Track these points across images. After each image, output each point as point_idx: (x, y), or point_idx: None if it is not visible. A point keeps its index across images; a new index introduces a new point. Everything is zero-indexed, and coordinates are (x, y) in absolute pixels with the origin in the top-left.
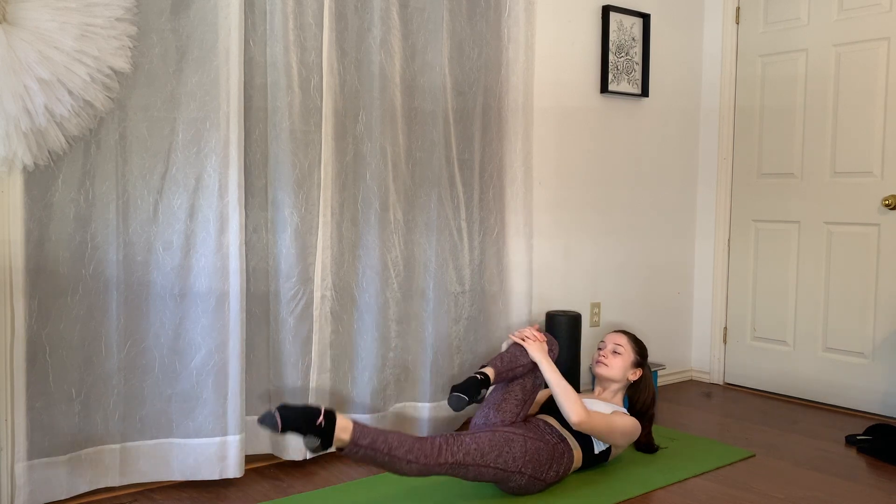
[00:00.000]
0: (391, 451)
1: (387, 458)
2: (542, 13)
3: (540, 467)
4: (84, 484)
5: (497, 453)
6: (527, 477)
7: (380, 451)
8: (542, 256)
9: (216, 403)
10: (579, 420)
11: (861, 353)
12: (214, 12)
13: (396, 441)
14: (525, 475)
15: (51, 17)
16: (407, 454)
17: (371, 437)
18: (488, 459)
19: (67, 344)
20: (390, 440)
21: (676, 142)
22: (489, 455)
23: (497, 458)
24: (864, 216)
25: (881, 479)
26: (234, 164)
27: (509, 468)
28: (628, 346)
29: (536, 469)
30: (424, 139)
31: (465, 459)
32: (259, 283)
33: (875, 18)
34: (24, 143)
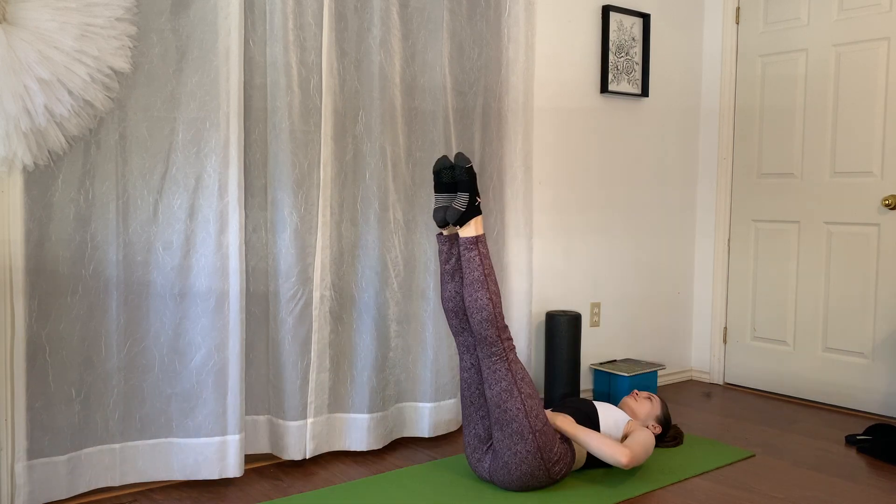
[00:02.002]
0: (488, 276)
1: (481, 277)
2: (542, 13)
3: (551, 452)
4: (84, 484)
5: (529, 393)
6: (536, 450)
7: (483, 265)
8: (542, 256)
9: (216, 403)
10: (629, 461)
11: (861, 353)
12: (214, 12)
13: (495, 279)
14: (536, 445)
15: (51, 17)
16: (493, 294)
17: (488, 251)
18: (523, 388)
19: (67, 344)
20: (492, 273)
21: (676, 142)
22: (525, 386)
23: (528, 397)
24: (864, 216)
25: (881, 479)
26: (233, 164)
27: (530, 417)
28: (659, 405)
29: (546, 449)
30: (424, 139)
31: (511, 364)
32: (258, 282)
33: (875, 18)
34: (24, 143)
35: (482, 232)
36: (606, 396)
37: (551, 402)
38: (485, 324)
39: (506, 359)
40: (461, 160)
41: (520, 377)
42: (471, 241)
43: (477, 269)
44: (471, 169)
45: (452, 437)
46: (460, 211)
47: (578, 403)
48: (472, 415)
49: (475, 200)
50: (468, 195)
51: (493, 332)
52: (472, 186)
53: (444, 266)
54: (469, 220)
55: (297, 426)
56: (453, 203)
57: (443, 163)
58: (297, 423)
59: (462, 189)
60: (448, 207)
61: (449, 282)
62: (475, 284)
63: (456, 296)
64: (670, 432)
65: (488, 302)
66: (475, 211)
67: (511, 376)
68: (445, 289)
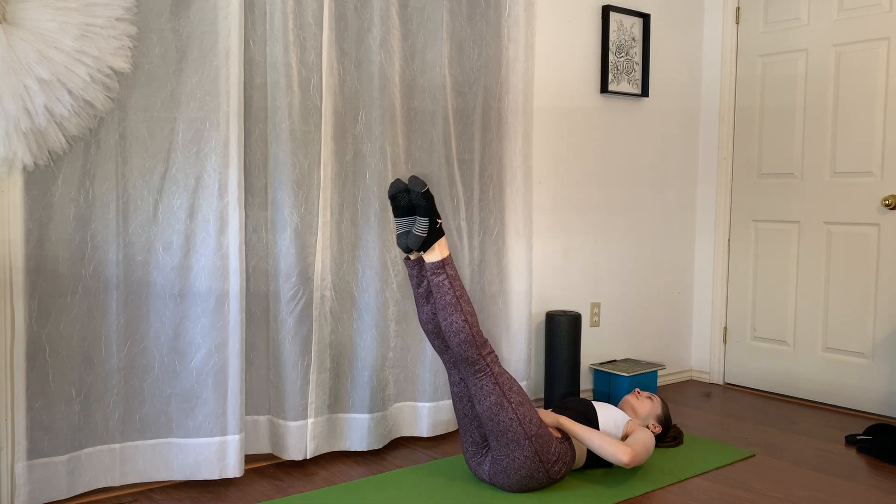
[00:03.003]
0: (461, 298)
1: (453, 300)
2: (542, 13)
3: (548, 453)
4: (84, 484)
5: (520, 400)
6: (534, 454)
7: (453, 289)
8: (541, 256)
9: (216, 403)
10: (630, 459)
11: (861, 353)
12: (214, 12)
13: (467, 298)
14: (533, 449)
15: (51, 17)
16: (469, 315)
17: (455, 272)
18: (512, 397)
19: (67, 344)
20: (464, 293)
21: (676, 142)
22: (515, 395)
23: (519, 405)
24: (864, 216)
25: (881, 479)
26: (233, 163)
27: (524, 424)
28: (660, 404)
29: (544, 452)
30: (424, 139)
31: (497, 377)
32: (259, 282)
33: (875, 18)
34: (24, 143)
35: (447, 253)
36: (606, 397)
37: (551, 402)
38: (464, 346)
39: (491, 373)
40: (416, 185)
41: (507, 387)
42: (437, 265)
43: (447, 294)
44: (427, 192)
45: (451, 437)
46: (422, 237)
47: (577, 404)
48: (466, 425)
49: (436, 223)
50: (427, 220)
51: (473, 351)
52: (430, 210)
53: (417, 290)
54: (432, 244)
55: (298, 426)
56: (413, 229)
57: (397, 186)
58: (297, 423)
59: (420, 214)
60: (409, 233)
61: (424, 305)
62: (448, 309)
63: (433, 318)
64: (670, 432)
65: (464, 324)
66: (437, 234)
67: (499, 389)
68: (421, 312)
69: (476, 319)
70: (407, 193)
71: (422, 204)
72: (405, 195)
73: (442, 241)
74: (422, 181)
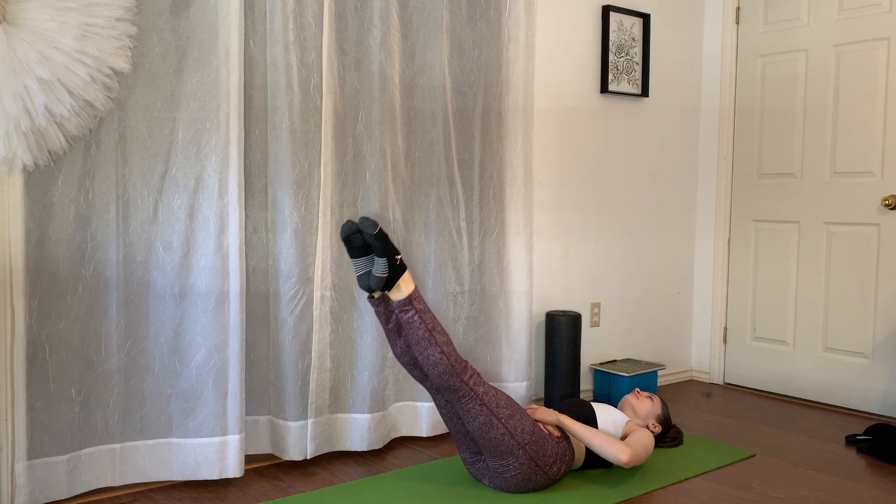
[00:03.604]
0: (433, 331)
1: (425, 335)
2: (542, 13)
3: (544, 457)
4: (84, 484)
5: (510, 413)
6: (529, 461)
7: (424, 324)
8: (542, 256)
9: (216, 403)
10: (630, 459)
11: (861, 353)
12: (214, 12)
13: (440, 328)
14: (528, 456)
15: (51, 17)
16: (444, 345)
17: (424, 305)
18: (501, 413)
19: (67, 344)
20: (436, 323)
21: (676, 142)
22: (503, 409)
23: (509, 418)
24: (864, 216)
25: (881, 479)
26: (234, 164)
27: (515, 436)
28: (659, 404)
29: (539, 456)
30: (424, 139)
31: (482, 397)
32: (259, 283)
33: (875, 18)
34: (24, 143)
35: (413, 287)
36: (606, 397)
37: (551, 403)
38: (444, 376)
39: (475, 395)
40: (367, 226)
41: (494, 404)
42: (404, 303)
43: (419, 329)
44: (380, 233)
45: (451, 437)
46: (383, 277)
47: (576, 405)
48: (460, 438)
49: (395, 260)
50: (385, 259)
51: (454, 380)
52: (387, 249)
53: (386, 326)
54: (395, 281)
55: (298, 426)
56: (373, 270)
57: (349, 228)
58: (297, 423)
59: (378, 254)
60: (370, 274)
61: (396, 339)
62: (422, 343)
63: (408, 350)
64: (670, 432)
65: (441, 355)
66: (399, 271)
67: (486, 409)
68: (395, 346)
69: (452, 347)
70: (360, 234)
71: (377, 245)
72: (359, 236)
73: (405, 276)
74: (373, 222)
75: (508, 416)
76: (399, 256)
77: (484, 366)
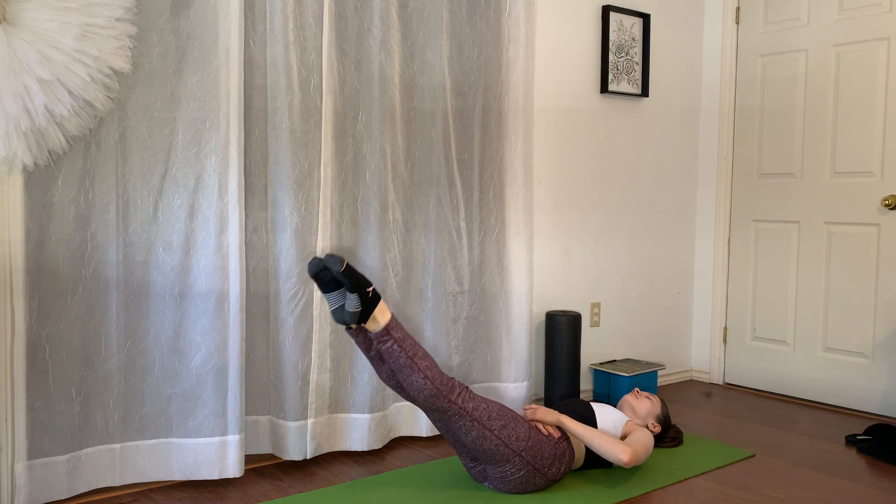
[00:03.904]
0: (415, 357)
1: (407, 363)
2: (542, 13)
3: (541, 460)
4: (84, 484)
5: (502, 423)
6: (527, 465)
7: (405, 352)
8: (542, 256)
9: (216, 403)
10: (630, 459)
11: (861, 353)
12: (214, 12)
13: (422, 353)
14: (525, 462)
15: (51, 17)
16: (427, 370)
17: (402, 333)
18: (493, 425)
19: (67, 344)
20: (416, 349)
21: (676, 142)
22: (495, 421)
23: (502, 429)
24: (864, 216)
25: (881, 479)
26: (234, 164)
27: (510, 445)
28: (659, 404)
29: (537, 460)
30: (424, 139)
31: (473, 412)
32: (259, 282)
33: (875, 18)
34: (24, 143)
35: (389, 316)
36: (606, 397)
37: (551, 403)
38: (431, 399)
39: (464, 412)
40: (333, 263)
41: (486, 418)
42: (381, 334)
43: (400, 357)
44: (347, 269)
45: None
46: (357, 312)
47: (575, 406)
48: (458, 448)
49: (367, 293)
50: (357, 294)
51: (441, 402)
52: (357, 284)
53: (367, 354)
54: (370, 314)
55: (298, 426)
56: (346, 306)
57: (316, 266)
58: (297, 423)
59: (348, 290)
60: (343, 308)
61: (380, 365)
62: (405, 371)
63: (393, 375)
64: (670, 432)
65: (425, 380)
66: (372, 303)
67: (478, 424)
68: (380, 372)
69: (436, 370)
70: (328, 270)
71: (346, 281)
72: (327, 272)
73: (380, 306)
74: (339, 258)
75: (501, 426)
76: (370, 288)
77: (484, 366)
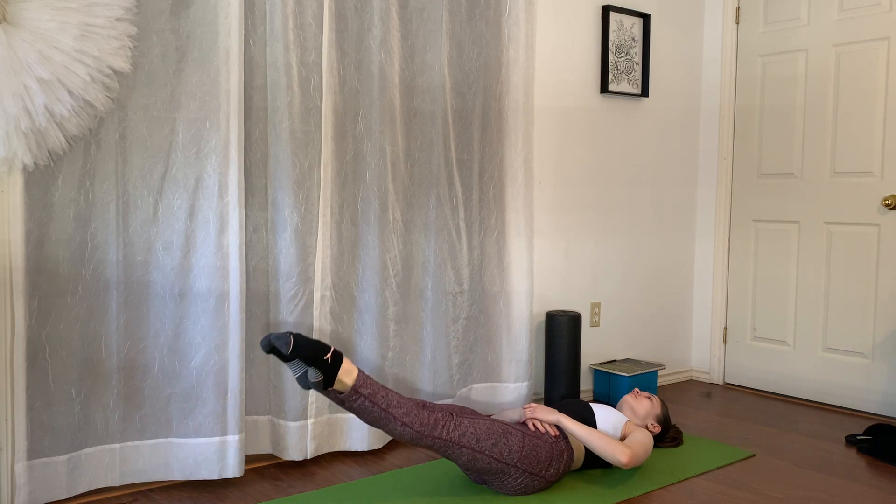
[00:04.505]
0: (389, 408)
1: (382, 415)
2: (543, 13)
3: (538, 465)
4: (84, 484)
5: (493, 442)
6: (524, 473)
7: (377, 406)
8: (542, 256)
9: (216, 403)
10: (629, 460)
11: (861, 353)
12: (214, 12)
13: (396, 400)
14: (521, 470)
15: (51, 17)
16: (403, 416)
17: (372, 388)
18: (483, 446)
19: (67, 344)
20: (390, 398)
21: (676, 142)
22: (485, 442)
23: (493, 447)
24: (864, 216)
25: (881, 479)
26: (234, 164)
27: (504, 460)
28: (658, 404)
29: (534, 466)
30: (424, 139)
31: (460, 440)
32: (259, 282)
33: (875, 18)
34: (24, 143)
35: (355, 374)
36: (606, 397)
37: (551, 403)
38: (415, 441)
39: (451, 442)
40: (281, 346)
41: (474, 441)
42: (350, 394)
43: (374, 411)
44: (294, 350)
45: None
46: (319, 381)
47: (575, 406)
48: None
49: (325, 361)
50: (314, 367)
51: (426, 440)
52: (311, 358)
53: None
54: (334, 378)
55: (298, 426)
56: (308, 376)
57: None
58: (297, 423)
59: (305, 364)
60: (306, 377)
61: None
62: (381, 422)
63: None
64: (670, 433)
65: (403, 427)
66: (334, 368)
67: (467, 449)
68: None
69: (414, 413)
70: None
71: (299, 360)
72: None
73: (344, 366)
74: (286, 340)
75: (492, 445)
76: (328, 355)
77: (484, 366)
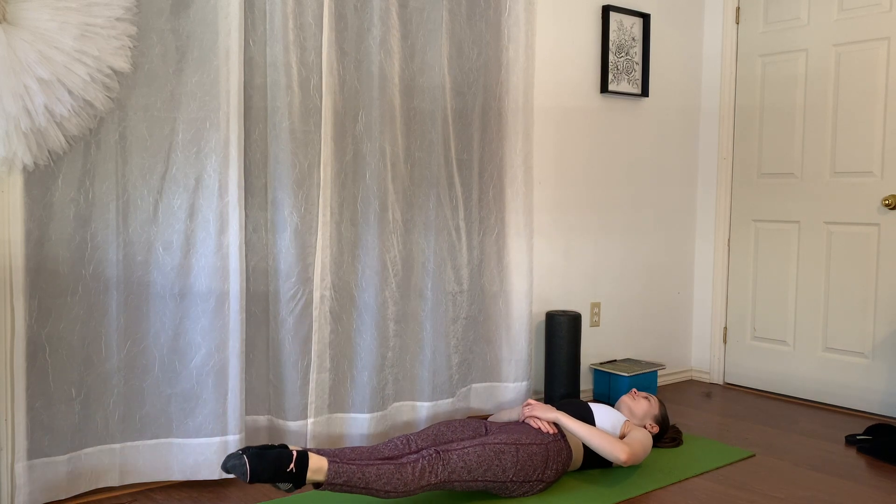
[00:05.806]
0: (368, 485)
1: (364, 491)
2: (542, 13)
3: (535, 471)
4: (84, 484)
5: (485, 468)
6: (522, 483)
7: (356, 487)
8: (542, 256)
9: (216, 403)
10: (628, 458)
11: (861, 353)
12: (214, 12)
13: (374, 475)
14: (519, 482)
15: (51, 17)
16: (385, 486)
17: (346, 476)
18: (476, 475)
19: (67, 344)
20: (367, 475)
21: (676, 142)
22: (476, 471)
23: (486, 473)
24: (864, 216)
25: (881, 479)
26: (233, 163)
27: (499, 479)
28: (657, 404)
29: (531, 474)
30: (423, 139)
31: (450, 477)
32: (259, 282)
33: (875, 18)
34: (24, 143)
35: (326, 466)
36: (606, 397)
37: (550, 403)
38: (408, 496)
39: (442, 481)
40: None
41: (465, 472)
42: (325, 485)
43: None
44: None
45: None
46: (290, 486)
47: (574, 406)
48: None
49: (289, 468)
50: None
51: (417, 489)
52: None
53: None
54: (303, 480)
55: (298, 426)
56: (278, 486)
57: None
58: (297, 423)
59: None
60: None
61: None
62: (364, 490)
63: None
64: (670, 432)
65: (388, 495)
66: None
67: (459, 482)
68: None
69: (395, 477)
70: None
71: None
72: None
73: (311, 465)
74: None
75: (484, 471)
76: (291, 465)
77: (483, 365)
